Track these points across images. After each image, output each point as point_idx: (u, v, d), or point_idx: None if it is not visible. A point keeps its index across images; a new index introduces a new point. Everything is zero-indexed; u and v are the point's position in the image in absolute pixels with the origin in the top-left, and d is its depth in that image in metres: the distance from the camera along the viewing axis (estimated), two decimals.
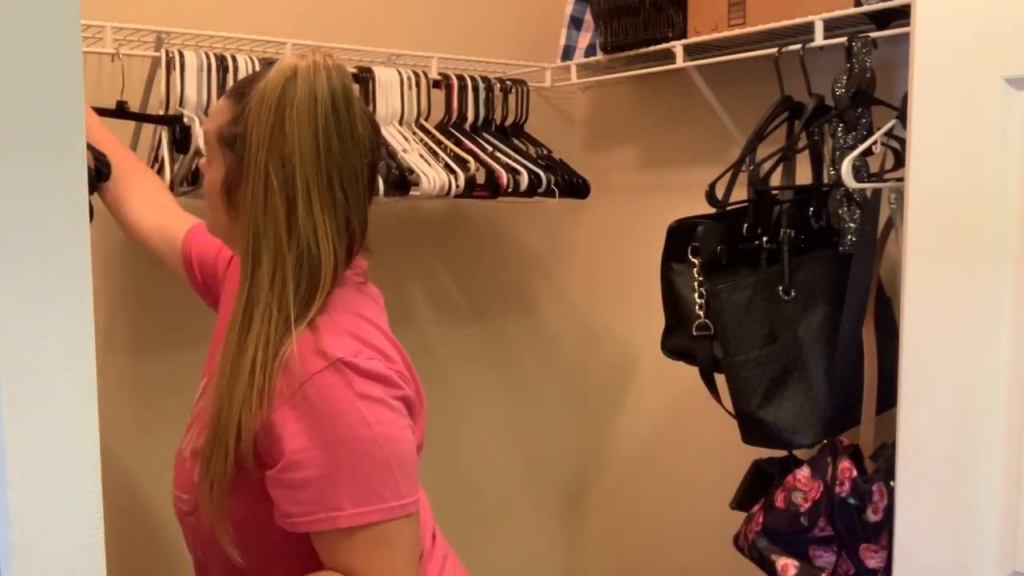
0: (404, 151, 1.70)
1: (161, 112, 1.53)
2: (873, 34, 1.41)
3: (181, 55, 1.51)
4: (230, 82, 1.56)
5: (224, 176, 1.07)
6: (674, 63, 1.71)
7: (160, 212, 1.42)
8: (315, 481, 0.97)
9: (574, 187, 1.88)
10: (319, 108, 1.00)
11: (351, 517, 0.97)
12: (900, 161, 1.40)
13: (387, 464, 0.98)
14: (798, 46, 1.49)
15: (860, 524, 1.28)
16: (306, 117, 1.00)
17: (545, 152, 1.91)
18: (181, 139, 1.48)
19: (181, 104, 1.51)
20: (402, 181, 1.63)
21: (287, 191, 1.00)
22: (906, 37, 1.15)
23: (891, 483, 1.22)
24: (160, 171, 1.52)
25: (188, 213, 1.42)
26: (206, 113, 1.52)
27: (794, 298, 1.43)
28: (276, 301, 1.00)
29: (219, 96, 1.48)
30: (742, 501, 1.52)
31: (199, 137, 1.44)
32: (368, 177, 1.07)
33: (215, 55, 1.56)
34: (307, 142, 1.00)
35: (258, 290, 1.01)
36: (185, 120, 1.48)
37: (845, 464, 1.30)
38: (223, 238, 1.15)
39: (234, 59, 1.58)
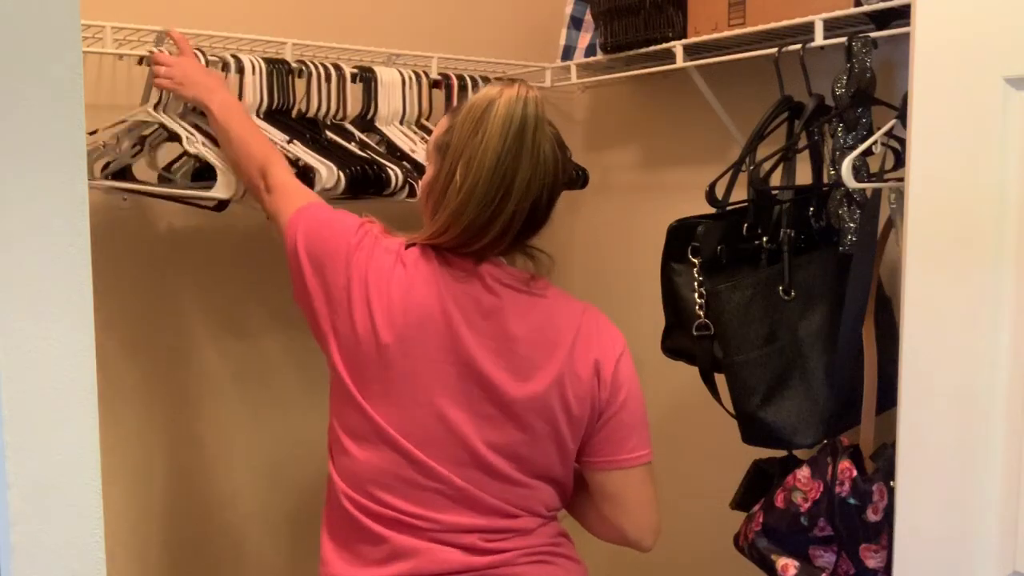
0: (412, 151, 1.71)
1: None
2: (873, 34, 1.41)
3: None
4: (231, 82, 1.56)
5: (432, 176, 1.27)
6: (674, 63, 1.71)
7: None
8: None
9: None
10: (511, 127, 1.19)
11: None
12: (900, 161, 1.40)
13: None
14: (798, 46, 1.49)
15: (860, 524, 1.28)
16: (497, 131, 1.19)
17: None
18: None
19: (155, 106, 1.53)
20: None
21: (461, 186, 1.20)
22: (906, 37, 1.15)
23: (891, 483, 1.22)
24: None
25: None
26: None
27: (794, 298, 1.43)
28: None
29: None
30: (742, 501, 1.52)
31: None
32: (547, 194, 1.25)
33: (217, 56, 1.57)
34: (489, 155, 1.18)
35: None
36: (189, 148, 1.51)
37: (845, 464, 1.30)
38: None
39: (237, 59, 1.58)
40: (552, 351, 1.25)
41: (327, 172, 1.51)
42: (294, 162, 1.51)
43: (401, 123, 1.76)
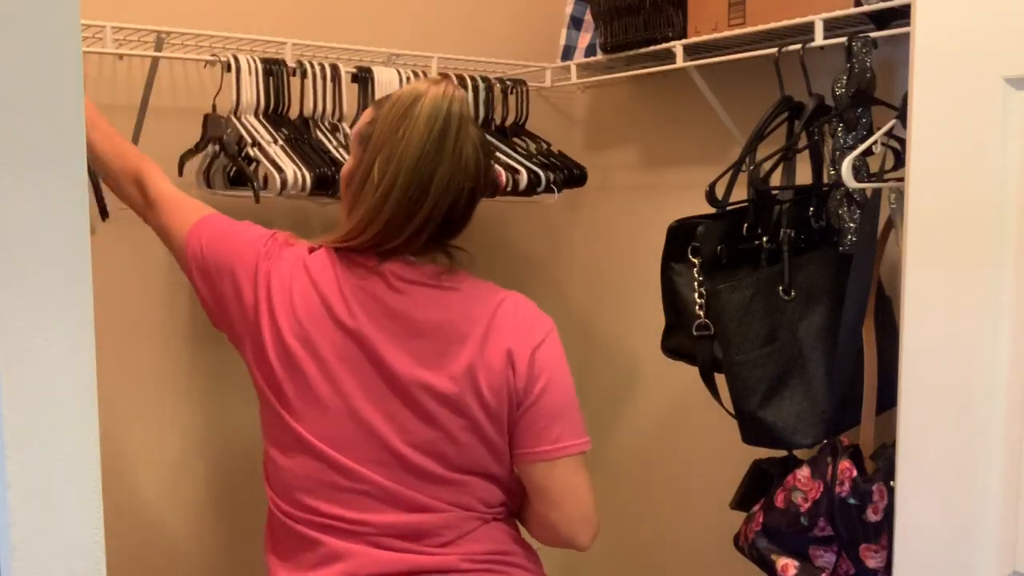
0: None
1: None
2: (873, 34, 1.41)
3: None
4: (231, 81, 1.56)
5: (352, 167, 1.26)
6: (674, 63, 1.71)
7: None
8: None
9: (572, 178, 1.88)
10: (434, 126, 1.18)
11: None
12: (900, 161, 1.40)
13: None
14: (798, 46, 1.49)
15: (860, 524, 1.28)
16: (420, 129, 1.18)
17: (545, 147, 1.91)
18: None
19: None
20: None
21: (378, 183, 1.20)
22: (906, 37, 1.15)
23: (891, 483, 1.22)
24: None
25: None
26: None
27: (794, 298, 1.43)
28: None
29: None
30: (742, 501, 1.52)
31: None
32: (466, 196, 1.23)
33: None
34: (409, 153, 1.18)
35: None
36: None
37: (845, 464, 1.30)
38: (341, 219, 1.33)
39: (236, 59, 1.58)
40: (462, 343, 1.22)
41: (292, 175, 1.53)
42: (253, 160, 1.55)
43: None
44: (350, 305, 1.22)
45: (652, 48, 1.74)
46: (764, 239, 1.47)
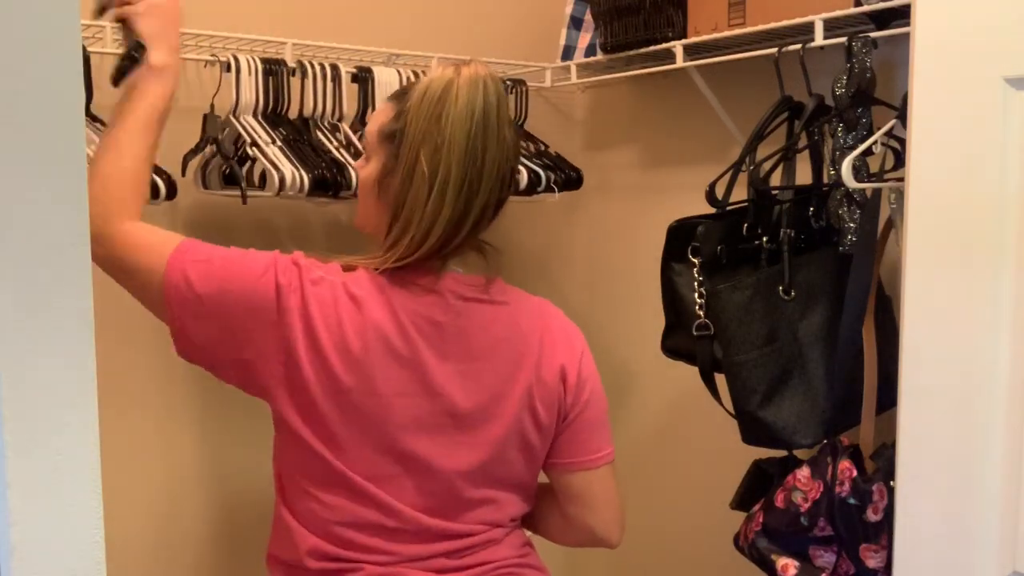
0: None
1: None
2: (873, 34, 1.41)
3: None
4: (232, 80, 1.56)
5: (380, 168, 1.18)
6: (674, 63, 1.71)
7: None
8: None
9: (569, 180, 1.89)
10: (475, 113, 1.11)
11: None
12: (900, 161, 1.40)
13: None
14: (798, 46, 1.49)
15: (860, 524, 1.28)
16: (463, 113, 1.11)
17: (543, 148, 1.91)
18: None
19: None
20: None
21: (431, 177, 1.11)
22: (906, 37, 1.15)
23: (891, 483, 1.22)
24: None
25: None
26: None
27: (794, 298, 1.43)
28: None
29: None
30: (742, 501, 1.52)
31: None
32: (508, 176, 1.18)
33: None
34: (458, 139, 1.11)
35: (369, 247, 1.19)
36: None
37: (845, 464, 1.30)
38: (370, 228, 1.24)
39: (236, 59, 1.58)
40: (520, 362, 1.20)
41: (291, 176, 1.52)
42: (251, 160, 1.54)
43: None
44: (407, 333, 1.13)
45: (652, 48, 1.74)
46: (764, 239, 1.47)
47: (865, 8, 1.40)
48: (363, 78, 1.71)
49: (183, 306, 1.11)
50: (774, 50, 1.53)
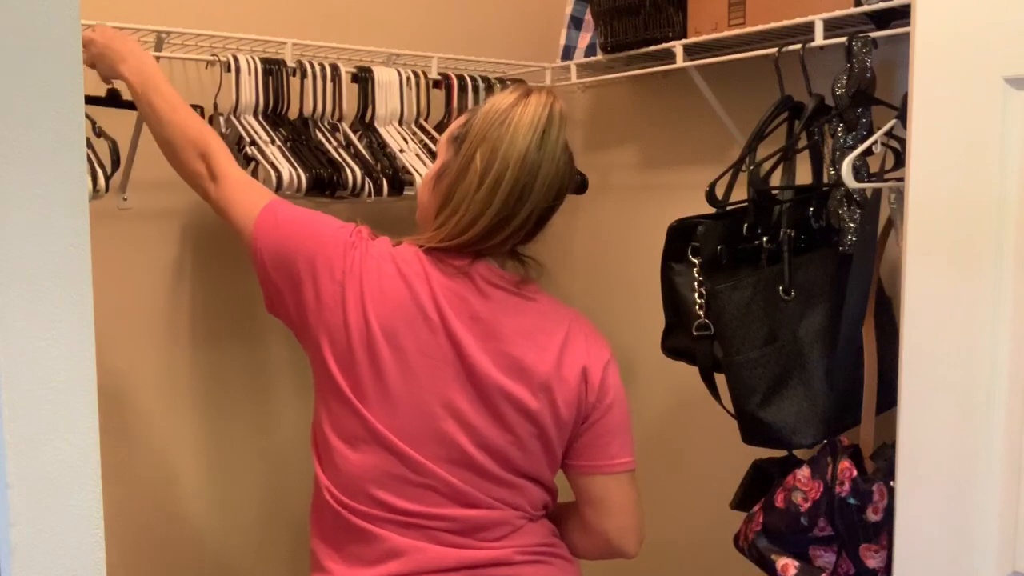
0: (402, 151, 1.71)
1: None
2: (873, 34, 1.41)
3: None
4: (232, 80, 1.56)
5: (440, 165, 1.28)
6: (674, 63, 1.71)
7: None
8: None
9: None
10: (538, 123, 1.20)
11: None
12: (900, 161, 1.40)
13: None
14: (798, 46, 1.49)
15: (860, 524, 1.28)
16: (526, 125, 1.20)
17: None
18: None
19: None
20: (395, 180, 1.64)
21: (484, 173, 1.20)
22: (906, 37, 1.15)
23: (891, 483, 1.22)
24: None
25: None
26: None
27: (794, 298, 1.43)
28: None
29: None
30: (742, 501, 1.52)
31: None
32: (557, 192, 1.25)
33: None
34: (516, 144, 1.19)
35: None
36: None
37: (845, 464, 1.30)
38: (421, 217, 1.33)
39: (236, 59, 1.58)
40: (541, 354, 1.26)
41: (288, 176, 1.53)
42: (248, 160, 1.54)
43: (400, 123, 1.76)
44: (439, 302, 1.23)
45: (652, 48, 1.74)
46: (764, 239, 1.47)
47: (865, 8, 1.40)
48: (363, 78, 1.71)
49: (268, 255, 1.26)
50: (774, 50, 1.53)
